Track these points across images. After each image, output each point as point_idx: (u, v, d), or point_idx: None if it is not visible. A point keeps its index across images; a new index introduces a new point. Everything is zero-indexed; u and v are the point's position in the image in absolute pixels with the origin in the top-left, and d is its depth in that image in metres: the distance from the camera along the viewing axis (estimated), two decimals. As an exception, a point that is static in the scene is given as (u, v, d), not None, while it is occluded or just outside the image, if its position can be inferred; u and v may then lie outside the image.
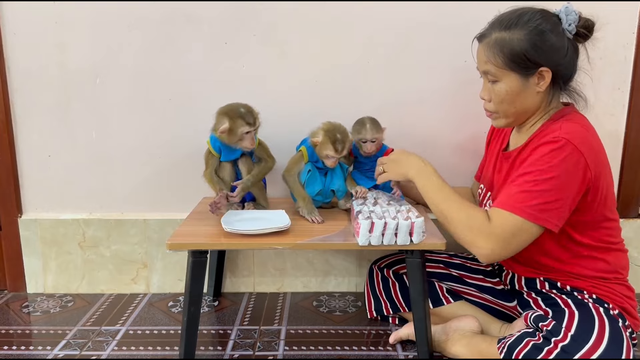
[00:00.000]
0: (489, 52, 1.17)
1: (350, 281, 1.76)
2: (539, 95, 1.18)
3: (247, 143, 1.37)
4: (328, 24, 1.58)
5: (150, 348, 1.41)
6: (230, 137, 1.35)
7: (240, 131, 1.34)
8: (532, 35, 1.12)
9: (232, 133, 1.34)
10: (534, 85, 1.16)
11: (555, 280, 1.25)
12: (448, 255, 1.52)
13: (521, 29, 1.13)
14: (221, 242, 1.26)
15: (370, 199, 1.38)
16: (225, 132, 1.33)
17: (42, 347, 1.42)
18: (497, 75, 1.17)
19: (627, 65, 1.59)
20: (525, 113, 1.21)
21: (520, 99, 1.18)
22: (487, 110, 1.24)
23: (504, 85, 1.17)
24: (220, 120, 1.35)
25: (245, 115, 1.34)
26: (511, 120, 1.23)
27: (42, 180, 1.70)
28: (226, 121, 1.33)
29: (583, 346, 1.08)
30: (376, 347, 1.41)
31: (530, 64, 1.13)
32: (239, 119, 1.34)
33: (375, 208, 1.29)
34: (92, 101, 1.64)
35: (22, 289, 1.76)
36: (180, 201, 1.68)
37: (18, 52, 1.61)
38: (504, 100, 1.19)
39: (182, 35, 1.59)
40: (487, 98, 1.22)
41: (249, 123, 1.34)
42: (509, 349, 1.16)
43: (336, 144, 1.36)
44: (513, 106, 1.19)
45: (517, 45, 1.13)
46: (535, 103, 1.19)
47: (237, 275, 1.75)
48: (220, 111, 1.37)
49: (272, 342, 1.43)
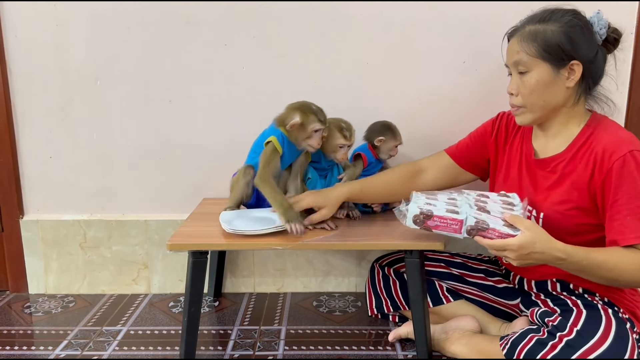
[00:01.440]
0: (522, 43, 1.16)
1: (350, 281, 1.76)
2: (567, 90, 1.17)
3: (315, 142, 1.34)
4: (327, 26, 1.59)
5: (151, 348, 1.42)
6: (300, 132, 1.32)
7: (311, 128, 1.33)
8: (566, 27, 1.13)
9: (302, 128, 1.32)
10: (564, 79, 1.15)
11: (568, 282, 1.24)
12: (449, 254, 1.52)
13: (555, 22, 1.14)
14: (221, 243, 1.27)
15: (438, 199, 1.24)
16: (296, 126, 1.31)
17: (43, 347, 1.42)
18: (528, 65, 1.16)
19: (625, 65, 1.59)
20: (552, 109, 1.19)
21: (549, 91, 1.16)
22: (514, 104, 1.22)
23: (534, 74, 1.16)
24: (291, 115, 1.33)
25: (317, 112, 1.33)
26: (537, 116, 1.20)
27: (44, 181, 1.71)
28: (298, 116, 1.31)
29: (588, 341, 1.08)
30: (376, 347, 1.41)
31: (563, 55, 1.13)
32: (312, 115, 1.32)
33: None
34: (93, 102, 1.65)
35: (24, 290, 1.77)
36: (180, 202, 1.69)
37: (19, 53, 1.61)
38: (534, 92, 1.16)
39: (182, 37, 1.60)
40: (515, 92, 1.20)
41: (320, 120, 1.33)
42: (512, 345, 1.16)
43: (343, 131, 1.36)
44: (542, 99, 1.17)
45: (551, 36, 1.13)
46: (562, 99, 1.18)
47: (238, 276, 1.76)
48: (292, 106, 1.35)
49: (272, 342, 1.44)
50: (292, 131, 1.32)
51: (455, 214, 1.12)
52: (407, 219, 1.16)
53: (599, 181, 1.13)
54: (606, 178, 1.12)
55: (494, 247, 1.08)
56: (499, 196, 1.22)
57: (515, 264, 1.08)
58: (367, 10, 1.57)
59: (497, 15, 1.54)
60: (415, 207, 1.16)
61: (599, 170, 1.13)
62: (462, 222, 1.11)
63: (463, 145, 1.43)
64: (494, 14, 1.55)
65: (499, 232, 1.07)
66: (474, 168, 1.42)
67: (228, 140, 1.66)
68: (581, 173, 1.16)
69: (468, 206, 1.15)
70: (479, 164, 1.41)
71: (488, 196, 1.23)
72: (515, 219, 1.08)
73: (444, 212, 1.13)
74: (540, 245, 1.05)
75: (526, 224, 1.07)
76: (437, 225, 1.13)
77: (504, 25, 1.24)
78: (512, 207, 1.16)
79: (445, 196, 1.23)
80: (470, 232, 1.10)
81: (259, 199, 1.41)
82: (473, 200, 1.19)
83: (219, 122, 1.65)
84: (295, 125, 1.31)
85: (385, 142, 1.51)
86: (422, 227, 1.15)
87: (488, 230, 1.08)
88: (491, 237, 1.08)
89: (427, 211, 1.14)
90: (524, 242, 1.05)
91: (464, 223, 1.11)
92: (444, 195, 1.24)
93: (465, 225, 1.11)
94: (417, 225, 1.15)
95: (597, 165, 1.13)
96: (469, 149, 1.41)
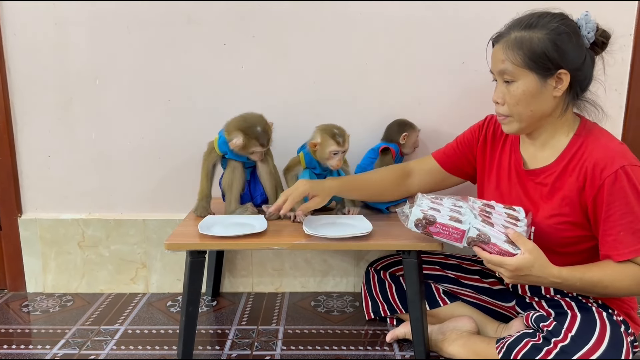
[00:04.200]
0: (507, 51, 1.13)
1: (348, 281, 1.76)
2: (555, 99, 1.14)
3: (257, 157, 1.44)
4: (327, 26, 1.59)
5: (149, 347, 1.42)
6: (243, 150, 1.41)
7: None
8: (552, 35, 1.10)
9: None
10: (551, 89, 1.12)
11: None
12: (444, 256, 1.52)
13: (541, 29, 1.11)
14: (219, 243, 1.27)
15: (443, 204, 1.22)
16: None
17: (41, 346, 1.42)
18: (514, 75, 1.13)
19: (624, 66, 1.60)
20: (539, 118, 1.17)
21: (536, 101, 1.14)
22: (500, 114, 1.19)
23: (520, 85, 1.13)
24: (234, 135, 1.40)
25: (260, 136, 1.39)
26: (524, 126, 1.18)
27: (42, 180, 1.71)
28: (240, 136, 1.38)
29: (582, 347, 1.09)
30: (373, 347, 1.41)
31: (550, 64, 1.10)
32: (254, 139, 1.39)
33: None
34: (92, 102, 1.65)
35: (22, 289, 1.77)
36: (179, 201, 1.69)
37: (18, 53, 1.61)
38: (520, 102, 1.14)
39: (181, 36, 1.60)
40: (500, 101, 1.18)
41: (262, 144, 1.40)
42: (508, 349, 1.16)
43: (336, 137, 1.37)
44: (529, 109, 1.14)
45: (537, 45, 1.10)
46: (550, 108, 1.15)
47: (236, 276, 1.76)
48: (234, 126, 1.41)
49: (270, 342, 1.44)
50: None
51: (458, 223, 1.11)
52: (409, 221, 1.15)
53: (590, 196, 1.12)
54: (598, 194, 1.11)
55: (491, 262, 1.08)
56: (504, 208, 1.21)
57: (508, 281, 1.09)
58: (367, 10, 1.57)
59: (497, 15, 1.54)
60: (418, 210, 1.15)
61: (590, 186, 1.12)
62: (464, 233, 1.10)
63: (450, 150, 1.41)
64: (493, 14, 1.55)
65: (499, 249, 1.07)
66: (461, 173, 1.41)
67: (227, 140, 1.66)
68: (572, 187, 1.14)
69: (473, 216, 1.13)
70: (465, 169, 1.40)
71: (493, 207, 1.21)
72: (518, 238, 1.07)
73: (447, 219, 1.12)
74: (536, 269, 1.06)
75: (528, 246, 1.06)
76: (439, 232, 1.12)
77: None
78: (517, 221, 1.14)
79: (451, 202, 1.22)
80: (471, 242, 1.10)
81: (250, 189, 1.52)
82: (478, 210, 1.18)
83: (218, 121, 1.64)
84: (236, 145, 1.38)
85: (409, 136, 1.56)
86: (423, 231, 1.14)
87: (489, 244, 1.08)
88: (490, 252, 1.08)
89: (430, 217, 1.13)
90: (522, 264, 1.05)
91: (465, 233, 1.10)
92: (449, 200, 1.23)
93: (466, 236, 1.10)
94: (418, 229, 1.14)
95: (589, 180, 1.12)
96: (455, 154, 1.40)
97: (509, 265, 1.05)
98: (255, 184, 1.50)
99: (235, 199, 1.44)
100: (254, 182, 1.50)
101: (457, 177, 1.42)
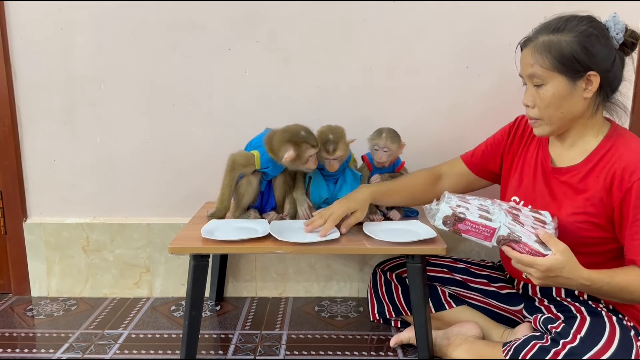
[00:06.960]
0: (536, 55, 1.13)
1: (352, 286, 1.76)
2: (585, 101, 1.14)
3: (312, 164, 1.38)
4: (330, 31, 1.59)
5: (152, 352, 1.41)
6: (295, 162, 1.35)
7: (307, 155, 1.35)
8: (581, 37, 1.10)
9: (298, 158, 1.34)
10: (581, 90, 1.13)
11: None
12: (452, 259, 1.51)
13: (569, 32, 1.11)
14: (222, 247, 1.27)
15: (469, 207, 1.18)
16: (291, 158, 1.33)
17: (45, 350, 1.42)
18: (543, 78, 1.13)
19: (629, 67, 1.58)
20: (569, 120, 1.17)
21: (566, 103, 1.14)
22: (531, 117, 1.20)
23: (550, 88, 1.13)
24: (283, 148, 1.34)
25: (308, 139, 1.35)
26: (555, 128, 1.18)
27: (47, 184, 1.71)
28: (291, 149, 1.33)
29: (591, 349, 1.07)
30: (377, 353, 1.40)
31: (579, 66, 1.10)
32: (304, 144, 1.34)
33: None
34: (97, 106, 1.66)
35: (26, 293, 1.77)
36: (183, 206, 1.69)
37: (24, 57, 1.63)
38: (550, 105, 1.14)
39: (186, 41, 1.61)
40: (530, 104, 1.18)
41: (313, 145, 1.35)
42: (515, 351, 1.15)
43: (327, 145, 1.37)
44: (559, 111, 1.15)
45: (566, 47, 1.10)
46: (580, 110, 1.15)
47: (239, 280, 1.76)
48: (282, 138, 1.35)
49: (274, 347, 1.44)
50: (287, 161, 1.34)
51: (488, 221, 1.08)
52: (437, 218, 1.11)
53: (617, 199, 1.11)
54: (625, 197, 1.10)
55: (522, 261, 1.06)
56: (530, 212, 1.19)
57: (537, 282, 1.06)
58: (371, 16, 1.57)
59: (500, 20, 1.54)
60: (447, 207, 1.11)
61: (617, 188, 1.11)
62: (494, 230, 1.07)
63: (479, 152, 1.42)
64: (497, 19, 1.55)
65: (530, 248, 1.05)
66: (487, 174, 1.42)
67: (231, 144, 1.65)
68: (599, 189, 1.14)
69: (503, 215, 1.12)
70: (492, 171, 1.41)
71: (520, 209, 1.20)
72: (549, 239, 1.06)
73: (477, 217, 1.10)
74: (567, 271, 1.03)
75: (560, 247, 1.05)
76: (468, 230, 1.09)
77: (506, 31, 1.24)
78: (544, 225, 1.13)
79: (478, 202, 1.20)
80: (500, 241, 1.07)
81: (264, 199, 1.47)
82: (505, 211, 1.16)
83: (222, 126, 1.66)
84: (290, 157, 1.32)
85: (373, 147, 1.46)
86: (451, 229, 1.10)
87: (520, 243, 1.06)
88: (520, 251, 1.06)
89: (459, 213, 1.10)
90: (554, 265, 1.03)
91: (496, 232, 1.07)
92: (476, 200, 1.21)
93: (497, 234, 1.07)
94: (446, 226, 1.10)
95: (616, 183, 1.11)
96: (484, 156, 1.40)
97: (540, 266, 1.03)
98: (268, 197, 1.47)
99: (242, 208, 1.42)
100: (267, 194, 1.47)
101: (484, 180, 1.43)
